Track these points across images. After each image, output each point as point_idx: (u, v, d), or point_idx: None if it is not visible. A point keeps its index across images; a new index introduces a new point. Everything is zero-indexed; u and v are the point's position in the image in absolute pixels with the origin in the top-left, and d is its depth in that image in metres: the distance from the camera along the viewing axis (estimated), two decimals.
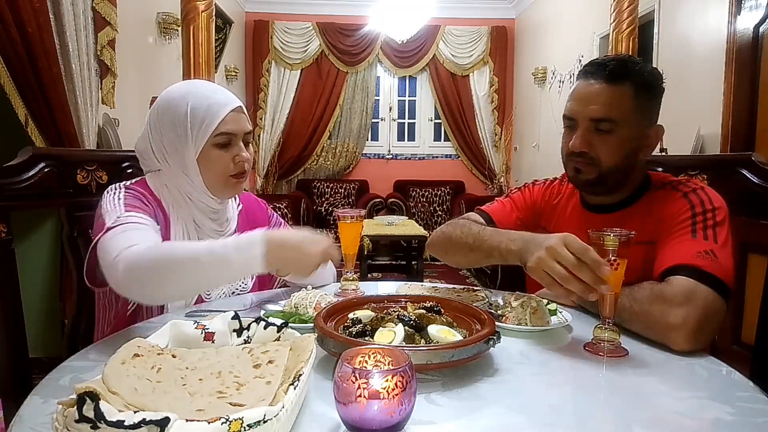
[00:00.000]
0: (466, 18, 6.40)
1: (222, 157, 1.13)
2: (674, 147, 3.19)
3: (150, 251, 0.93)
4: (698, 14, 3.25)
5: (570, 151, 1.15)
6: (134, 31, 3.49)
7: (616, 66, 1.10)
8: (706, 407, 0.72)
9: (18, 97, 2.19)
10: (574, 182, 1.21)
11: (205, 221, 1.19)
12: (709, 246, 0.99)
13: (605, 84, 1.10)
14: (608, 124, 1.10)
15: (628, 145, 1.11)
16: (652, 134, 1.15)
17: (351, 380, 0.54)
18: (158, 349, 0.71)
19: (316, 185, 6.34)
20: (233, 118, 1.13)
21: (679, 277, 0.95)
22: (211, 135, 1.10)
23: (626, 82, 1.10)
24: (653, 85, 1.13)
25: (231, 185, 1.17)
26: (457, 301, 0.98)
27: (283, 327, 0.79)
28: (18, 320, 1.19)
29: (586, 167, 1.14)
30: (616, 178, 1.14)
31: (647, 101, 1.12)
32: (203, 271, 0.93)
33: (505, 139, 6.47)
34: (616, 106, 1.09)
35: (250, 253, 0.92)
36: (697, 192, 1.10)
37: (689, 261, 0.97)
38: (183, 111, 1.10)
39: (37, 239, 2.45)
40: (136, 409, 0.55)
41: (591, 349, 0.89)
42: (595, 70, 1.12)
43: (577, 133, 1.13)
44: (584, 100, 1.12)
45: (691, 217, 1.05)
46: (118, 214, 1.01)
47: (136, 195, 1.09)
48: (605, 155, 1.11)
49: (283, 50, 6.27)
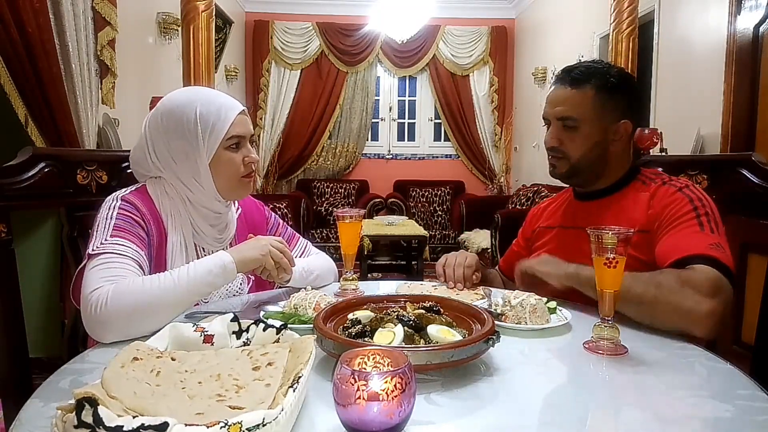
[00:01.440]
0: (466, 18, 6.40)
1: (234, 159, 1.15)
2: (674, 147, 3.19)
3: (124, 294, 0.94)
4: (698, 14, 3.25)
5: (546, 147, 1.31)
6: (134, 31, 3.49)
7: (579, 72, 1.26)
8: (706, 405, 0.72)
9: (18, 97, 2.19)
10: (552, 175, 1.35)
11: (205, 228, 1.19)
12: (716, 239, 1.07)
13: (569, 88, 1.26)
14: (572, 121, 1.25)
15: (593, 139, 1.25)
16: (620, 129, 1.26)
17: (350, 382, 0.54)
18: (157, 352, 0.71)
19: (316, 185, 6.34)
20: (241, 121, 1.16)
21: (703, 266, 1.01)
22: (224, 139, 1.13)
23: (587, 85, 1.24)
24: (615, 85, 1.25)
25: (243, 185, 1.20)
26: (456, 300, 0.98)
27: (282, 329, 0.79)
28: (18, 320, 1.19)
29: (558, 161, 1.30)
30: (589, 169, 1.28)
31: (609, 100, 1.25)
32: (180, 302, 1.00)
33: (505, 139, 6.47)
34: (578, 106, 1.24)
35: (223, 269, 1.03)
36: (690, 188, 1.18)
37: (706, 252, 1.03)
38: (192, 117, 1.11)
39: (37, 239, 2.45)
40: (136, 413, 0.54)
41: (591, 348, 0.89)
42: (563, 75, 1.29)
43: (549, 130, 1.30)
44: (553, 102, 1.29)
45: (694, 210, 1.12)
46: (103, 238, 1.03)
47: (128, 213, 1.08)
48: (572, 149, 1.26)
49: (283, 50, 6.27)
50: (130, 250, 1.03)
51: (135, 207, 1.10)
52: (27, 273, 1.42)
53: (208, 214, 1.18)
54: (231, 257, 1.05)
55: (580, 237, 1.05)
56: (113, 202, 1.10)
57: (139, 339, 0.72)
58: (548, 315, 1.01)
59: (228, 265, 1.04)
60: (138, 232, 1.07)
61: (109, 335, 0.92)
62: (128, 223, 1.07)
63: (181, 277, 0.99)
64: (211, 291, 1.06)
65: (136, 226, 1.08)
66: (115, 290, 0.94)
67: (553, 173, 1.33)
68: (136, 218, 1.09)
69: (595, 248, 0.89)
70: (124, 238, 1.04)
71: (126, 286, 0.95)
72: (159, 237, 1.13)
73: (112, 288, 0.94)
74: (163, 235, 1.13)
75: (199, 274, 1.01)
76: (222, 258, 1.04)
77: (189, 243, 1.16)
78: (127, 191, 1.14)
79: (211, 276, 1.02)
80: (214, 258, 1.05)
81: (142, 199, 1.13)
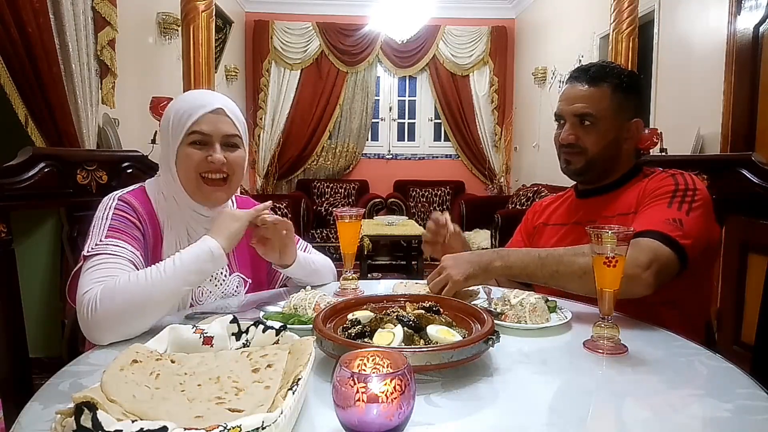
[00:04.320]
0: (466, 18, 6.40)
1: (192, 155, 1.13)
2: (674, 147, 3.19)
3: (115, 291, 0.94)
4: (698, 14, 3.25)
5: (561, 143, 1.33)
6: (134, 31, 3.49)
7: (596, 70, 1.30)
8: (706, 404, 0.72)
9: (18, 97, 2.19)
10: (566, 172, 1.36)
11: (199, 229, 1.18)
12: (678, 215, 1.12)
13: (587, 85, 1.29)
14: (591, 118, 1.27)
15: (610, 135, 1.28)
16: (632, 127, 1.31)
17: (349, 384, 0.54)
18: (157, 355, 0.71)
19: (316, 185, 6.34)
20: (209, 119, 1.13)
21: (646, 239, 1.07)
22: (185, 134, 1.13)
23: (604, 83, 1.28)
24: (629, 85, 1.30)
25: (205, 191, 1.15)
26: (456, 300, 0.98)
27: (281, 330, 0.79)
28: (18, 320, 1.19)
29: (574, 157, 1.31)
30: (603, 165, 1.31)
31: (624, 99, 1.29)
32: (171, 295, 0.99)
33: (505, 139, 6.46)
34: (597, 104, 1.27)
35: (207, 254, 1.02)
36: (684, 175, 1.23)
37: (657, 227, 1.09)
38: (170, 115, 1.15)
39: (37, 239, 2.45)
40: (135, 416, 0.54)
41: (590, 347, 0.89)
42: (579, 74, 1.32)
43: (566, 127, 1.31)
44: (570, 99, 1.30)
45: (672, 192, 1.17)
46: (98, 239, 1.03)
47: (124, 213, 1.09)
48: (591, 144, 1.28)
49: (283, 50, 6.27)
50: (125, 251, 1.03)
51: (131, 207, 1.10)
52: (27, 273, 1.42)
53: (196, 216, 1.18)
54: (215, 240, 1.03)
55: (584, 234, 1.05)
56: (110, 202, 1.10)
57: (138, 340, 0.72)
58: (548, 314, 1.01)
59: (215, 250, 1.02)
60: (133, 233, 1.08)
61: (106, 337, 0.92)
62: (123, 223, 1.07)
63: (168, 268, 0.98)
64: (201, 278, 1.04)
65: (132, 227, 1.08)
66: (103, 291, 0.93)
67: (567, 169, 1.34)
68: (131, 218, 1.09)
69: (594, 246, 0.89)
70: (119, 239, 1.04)
71: (114, 285, 0.94)
72: (155, 236, 1.13)
73: (100, 289, 0.93)
74: (159, 234, 1.14)
75: (186, 262, 0.99)
76: (207, 243, 1.03)
77: (184, 243, 1.15)
78: (125, 191, 1.15)
79: (199, 262, 1.00)
80: (200, 244, 1.03)
81: (139, 198, 1.14)
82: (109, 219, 1.07)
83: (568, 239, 1.33)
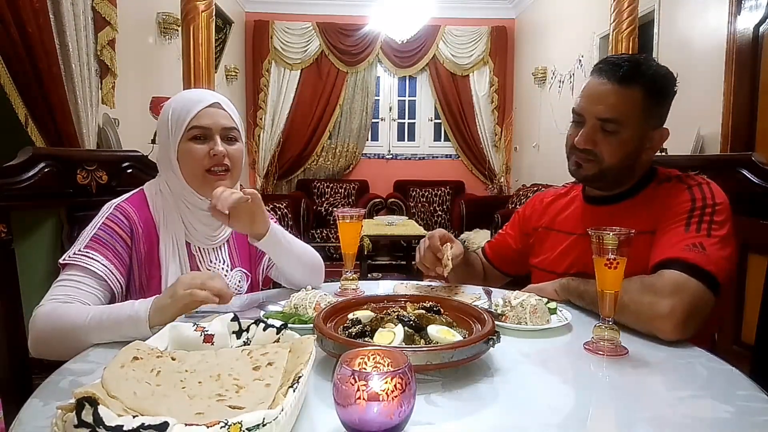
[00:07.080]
0: (466, 18, 6.40)
1: (196, 150, 1.14)
2: (674, 147, 3.18)
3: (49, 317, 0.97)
4: (698, 14, 3.25)
5: (574, 145, 1.18)
6: (134, 31, 3.49)
7: (628, 68, 1.12)
8: (706, 406, 0.72)
9: (18, 97, 2.18)
10: (575, 175, 1.24)
11: (197, 225, 1.19)
12: (698, 239, 1.02)
13: (616, 85, 1.12)
14: (614, 125, 1.13)
15: (631, 145, 1.14)
16: (656, 136, 1.17)
17: (350, 382, 0.54)
18: (157, 352, 0.71)
19: (316, 185, 6.34)
20: (207, 113, 1.15)
21: (670, 271, 0.98)
22: (185, 129, 1.14)
23: (636, 85, 1.11)
24: (663, 88, 1.15)
25: (209, 181, 1.16)
26: (456, 300, 0.98)
27: (282, 328, 0.79)
28: (18, 320, 1.19)
29: (587, 163, 1.18)
30: (616, 176, 1.18)
31: (655, 105, 1.14)
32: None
33: (505, 139, 6.47)
34: (623, 109, 1.12)
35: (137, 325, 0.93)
36: (701, 186, 1.12)
37: (678, 254, 1.00)
38: (167, 113, 1.17)
39: (37, 239, 2.45)
40: (136, 413, 0.54)
41: (591, 348, 0.89)
42: (608, 69, 1.14)
43: (584, 130, 1.16)
44: (594, 98, 1.15)
45: (689, 210, 1.07)
46: (78, 248, 1.06)
47: (114, 225, 1.10)
48: (608, 154, 1.15)
49: (283, 50, 6.27)
50: (99, 265, 1.05)
51: (126, 217, 1.12)
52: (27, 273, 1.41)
53: (196, 211, 1.18)
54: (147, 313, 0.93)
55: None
56: (106, 210, 1.12)
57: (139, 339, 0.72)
58: (548, 315, 1.01)
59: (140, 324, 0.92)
60: (115, 248, 1.09)
61: (36, 351, 0.99)
62: (109, 235, 1.09)
63: (94, 318, 0.94)
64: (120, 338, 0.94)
65: (117, 240, 1.09)
66: (41, 311, 0.98)
67: (577, 173, 1.22)
68: (120, 231, 1.10)
69: (595, 249, 0.89)
70: (98, 251, 1.06)
71: (51, 310, 0.98)
72: (149, 241, 1.14)
73: (44, 310, 0.98)
74: (155, 234, 1.15)
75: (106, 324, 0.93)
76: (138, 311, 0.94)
77: (181, 242, 1.17)
78: (125, 198, 1.16)
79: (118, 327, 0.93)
80: (131, 309, 0.95)
81: (136, 204, 1.15)
82: (96, 228, 1.09)
83: (574, 252, 1.24)
